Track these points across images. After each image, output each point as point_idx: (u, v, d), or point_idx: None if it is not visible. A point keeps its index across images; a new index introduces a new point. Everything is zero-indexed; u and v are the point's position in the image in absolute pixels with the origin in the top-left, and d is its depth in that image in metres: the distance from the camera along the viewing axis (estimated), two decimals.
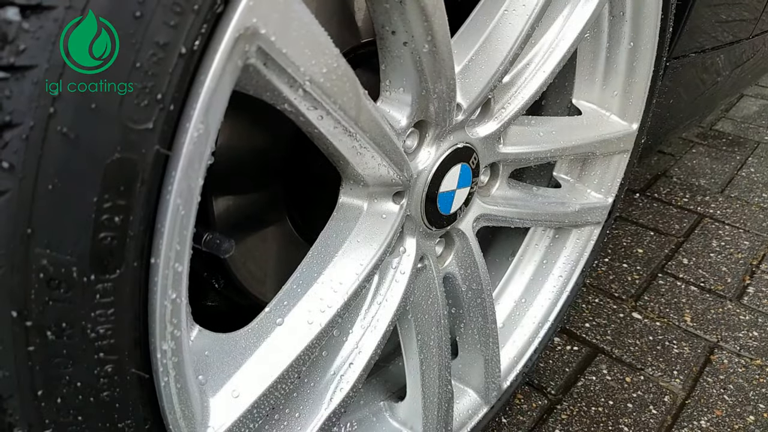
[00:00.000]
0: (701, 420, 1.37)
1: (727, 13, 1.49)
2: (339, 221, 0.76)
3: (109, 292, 0.44)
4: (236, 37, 0.44)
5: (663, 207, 2.24)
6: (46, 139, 0.38)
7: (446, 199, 0.84)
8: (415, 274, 0.86)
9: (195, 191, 0.47)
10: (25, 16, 0.36)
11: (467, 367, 1.14)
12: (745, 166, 2.58)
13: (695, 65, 1.45)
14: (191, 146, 0.44)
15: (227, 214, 0.84)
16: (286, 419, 0.75)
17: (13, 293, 0.40)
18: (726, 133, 2.91)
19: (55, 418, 0.46)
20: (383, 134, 0.67)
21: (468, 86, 0.78)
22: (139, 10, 0.39)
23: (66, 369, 0.45)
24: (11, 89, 0.36)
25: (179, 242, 0.47)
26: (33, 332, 0.42)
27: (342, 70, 0.57)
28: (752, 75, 2.22)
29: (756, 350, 1.58)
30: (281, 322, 0.68)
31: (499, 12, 0.80)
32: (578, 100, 1.18)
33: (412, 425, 1.03)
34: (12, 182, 0.38)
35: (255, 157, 0.85)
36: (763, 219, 2.19)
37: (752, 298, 1.78)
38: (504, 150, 0.94)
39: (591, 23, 0.94)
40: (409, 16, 0.62)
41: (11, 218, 0.38)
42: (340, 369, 0.80)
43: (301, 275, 0.72)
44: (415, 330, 0.92)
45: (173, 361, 0.52)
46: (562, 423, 1.34)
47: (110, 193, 0.41)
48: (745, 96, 3.40)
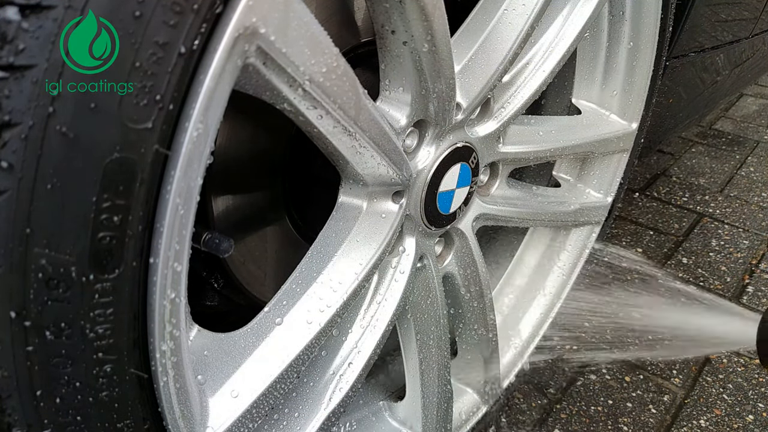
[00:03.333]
0: (701, 419, 1.37)
1: (726, 12, 1.49)
2: (338, 221, 0.76)
3: (108, 292, 0.44)
4: (236, 37, 0.44)
5: (662, 206, 2.24)
6: (45, 139, 0.38)
7: (446, 199, 0.84)
8: (414, 274, 0.86)
9: (194, 191, 0.47)
10: (24, 16, 0.36)
11: (467, 366, 1.14)
12: (744, 166, 2.58)
13: (695, 64, 1.45)
14: (190, 146, 0.44)
15: (226, 213, 0.83)
16: (286, 419, 0.75)
17: (12, 293, 0.40)
18: (725, 132, 2.91)
19: (54, 418, 0.46)
20: (383, 134, 0.67)
21: (468, 86, 0.78)
22: (138, 10, 0.39)
23: (65, 369, 0.45)
24: (10, 89, 0.36)
25: (178, 242, 0.47)
26: (32, 332, 0.42)
27: (341, 69, 0.57)
28: (752, 74, 2.22)
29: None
30: (280, 321, 0.68)
31: (498, 11, 0.80)
32: (578, 100, 1.18)
33: (412, 425, 1.03)
34: (11, 182, 0.38)
35: (254, 156, 0.84)
36: (762, 218, 2.19)
37: (751, 298, 1.78)
38: (503, 149, 0.94)
39: (591, 23, 0.94)
40: (408, 15, 0.62)
41: (10, 218, 0.38)
42: (340, 369, 0.80)
43: (301, 275, 0.72)
44: (414, 330, 0.92)
45: (172, 361, 0.52)
46: (561, 422, 1.34)
47: (109, 192, 0.41)
48: (744, 95, 3.40)
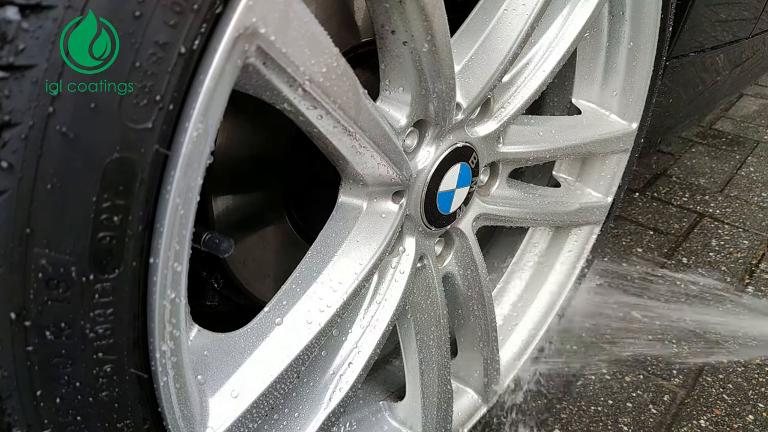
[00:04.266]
0: (701, 419, 1.37)
1: (726, 12, 1.49)
2: (338, 221, 0.76)
3: (108, 292, 0.44)
4: (236, 37, 0.44)
5: (662, 206, 2.24)
6: (45, 139, 0.38)
7: (446, 199, 0.84)
8: (414, 274, 0.86)
9: (194, 191, 0.47)
10: (24, 16, 0.36)
11: (467, 366, 1.14)
12: (744, 166, 2.58)
13: (695, 64, 1.45)
14: (190, 146, 0.44)
15: (226, 213, 0.83)
16: (286, 419, 0.75)
17: (12, 293, 0.40)
18: (725, 132, 2.91)
19: (54, 418, 0.46)
20: (383, 133, 0.67)
21: (468, 86, 0.78)
22: (138, 10, 0.39)
23: (65, 369, 0.45)
24: (10, 89, 0.36)
25: (178, 242, 0.47)
26: (32, 332, 0.42)
27: (341, 69, 0.57)
28: (752, 74, 2.22)
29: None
30: (280, 321, 0.68)
31: (498, 11, 0.80)
32: (578, 100, 1.18)
33: (412, 425, 1.02)
34: (11, 182, 0.38)
35: (254, 156, 0.84)
36: (762, 218, 2.19)
37: (751, 297, 1.78)
38: (503, 149, 0.94)
39: (591, 23, 0.94)
40: (408, 15, 0.62)
41: (10, 218, 0.38)
42: (340, 369, 0.80)
43: (301, 275, 0.72)
44: (414, 329, 0.92)
45: (172, 361, 0.52)
46: (561, 422, 1.34)
47: (109, 192, 0.41)
48: (744, 95, 3.40)
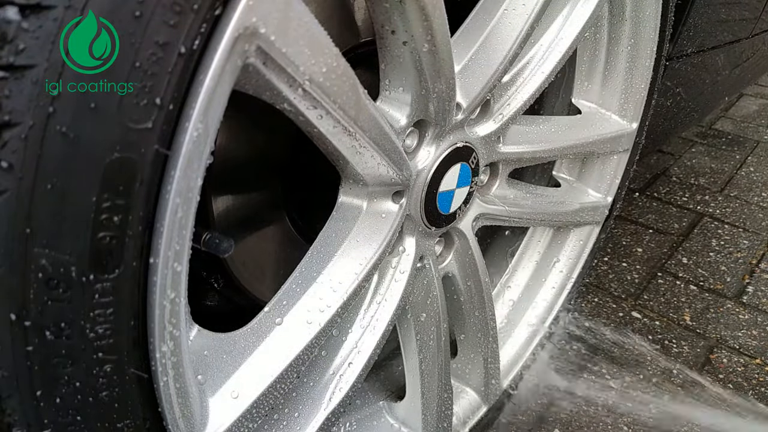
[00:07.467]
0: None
1: (726, 12, 1.49)
2: (338, 221, 0.76)
3: (108, 292, 0.44)
4: (236, 37, 0.44)
5: (662, 206, 2.24)
6: (45, 139, 0.38)
7: (446, 199, 0.84)
8: (414, 274, 0.86)
9: (194, 191, 0.47)
10: (24, 16, 0.36)
11: (467, 366, 1.14)
12: (744, 166, 2.58)
13: (695, 65, 1.45)
14: (190, 146, 0.44)
15: (227, 213, 0.83)
16: (286, 419, 0.75)
17: (12, 293, 0.40)
18: (725, 132, 2.91)
19: (54, 418, 0.46)
20: (383, 134, 0.67)
21: (468, 86, 0.78)
22: (138, 10, 0.39)
23: (65, 369, 0.45)
24: (10, 89, 0.36)
25: (178, 242, 0.47)
26: (32, 332, 0.42)
27: (341, 69, 0.57)
28: (752, 74, 2.22)
29: (755, 349, 1.58)
30: (280, 321, 0.68)
31: (498, 11, 0.80)
32: (578, 100, 1.18)
33: (412, 425, 1.03)
34: (11, 182, 0.38)
35: (254, 156, 0.84)
36: (762, 218, 2.19)
37: (752, 297, 1.78)
38: (503, 149, 0.94)
39: (591, 23, 0.94)
40: (408, 15, 0.62)
41: (10, 218, 0.38)
42: (340, 369, 0.80)
43: (301, 275, 0.72)
44: (414, 329, 0.92)
45: (172, 360, 0.52)
46: (561, 422, 1.34)
47: (109, 192, 0.41)
48: (744, 95, 3.40)
